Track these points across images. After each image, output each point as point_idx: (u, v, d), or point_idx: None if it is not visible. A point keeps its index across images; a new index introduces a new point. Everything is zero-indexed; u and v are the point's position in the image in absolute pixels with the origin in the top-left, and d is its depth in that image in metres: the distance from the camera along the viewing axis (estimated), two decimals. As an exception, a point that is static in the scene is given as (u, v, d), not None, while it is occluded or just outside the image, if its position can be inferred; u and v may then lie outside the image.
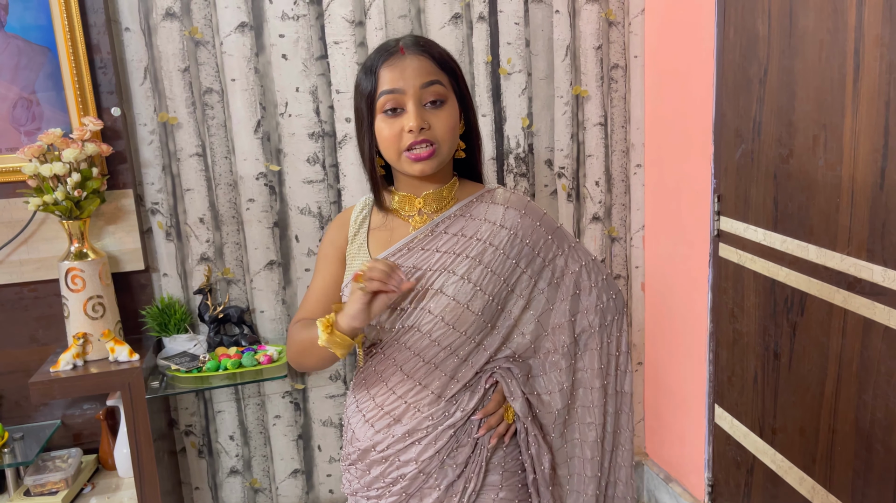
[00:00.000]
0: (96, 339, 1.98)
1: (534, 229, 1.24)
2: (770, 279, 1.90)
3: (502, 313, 1.23)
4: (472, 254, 1.20)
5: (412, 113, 1.14)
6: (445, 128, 1.17)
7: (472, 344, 1.21)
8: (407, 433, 1.22)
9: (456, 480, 1.23)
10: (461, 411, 1.22)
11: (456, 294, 1.18)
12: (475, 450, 1.23)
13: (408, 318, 1.20)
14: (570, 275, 1.25)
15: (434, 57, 1.18)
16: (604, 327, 1.27)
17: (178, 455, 2.35)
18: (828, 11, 1.61)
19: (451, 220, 1.24)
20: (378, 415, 1.25)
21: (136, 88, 2.10)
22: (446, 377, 1.22)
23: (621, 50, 2.42)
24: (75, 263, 1.95)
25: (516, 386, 1.23)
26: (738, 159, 2.01)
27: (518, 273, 1.23)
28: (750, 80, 1.92)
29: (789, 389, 1.87)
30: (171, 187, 2.17)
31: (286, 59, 2.18)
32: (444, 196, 1.26)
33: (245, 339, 2.21)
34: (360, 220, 1.32)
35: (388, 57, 1.17)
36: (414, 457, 1.22)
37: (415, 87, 1.15)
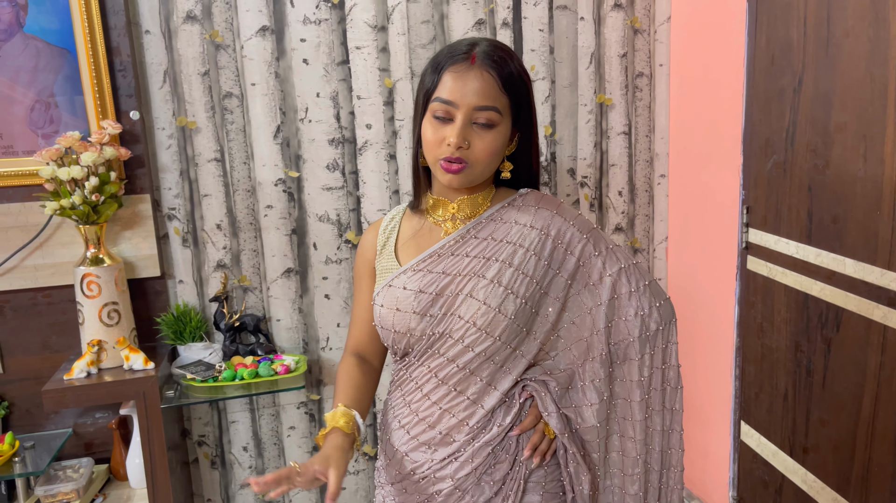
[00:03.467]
0: (111, 347, 1.94)
1: (567, 228, 1.20)
2: (803, 293, 1.85)
3: (537, 317, 1.18)
4: (502, 257, 1.17)
5: (457, 129, 1.12)
6: (485, 152, 1.14)
7: (508, 349, 1.17)
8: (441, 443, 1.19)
9: (493, 497, 1.18)
10: (497, 426, 1.18)
11: (486, 298, 1.15)
12: (513, 467, 1.19)
13: (438, 325, 1.17)
14: (608, 277, 1.19)
15: (502, 76, 1.13)
16: (646, 337, 1.19)
17: (191, 466, 2.30)
18: (868, 20, 1.57)
19: (483, 225, 1.22)
20: (413, 421, 1.22)
21: (154, 92, 2.06)
22: (482, 383, 1.18)
23: (646, 58, 2.38)
24: (91, 269, 1.91)
25: (550, 401, 1.19)
26: (769, 170, 1.96)
27: (551, 275, 1.18)
28: (783, 89, 1.87)
29: (823, 407, 1.81)
30: (189, 192, 2.14)
31: (307, 63, 2.14)
32: (479, 202, 1.24)
33: (261, 348, 2.17)
34: (390, 230, 1.29)
35: (457, 62, 1.13)
36: (450, 474, 1.18)
37: (468, 107, 1.12)
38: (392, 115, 2.21)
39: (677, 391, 1.22)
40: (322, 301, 2.28)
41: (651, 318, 1.19)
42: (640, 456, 1.21)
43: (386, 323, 1.21)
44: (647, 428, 1.21)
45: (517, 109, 1.17)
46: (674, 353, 1.22)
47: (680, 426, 1.24)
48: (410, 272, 1.21)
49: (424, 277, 1.19)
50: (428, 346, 1.19)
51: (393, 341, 1.22)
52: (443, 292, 1.17)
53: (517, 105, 1.17)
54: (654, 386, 1.21)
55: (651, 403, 1.21)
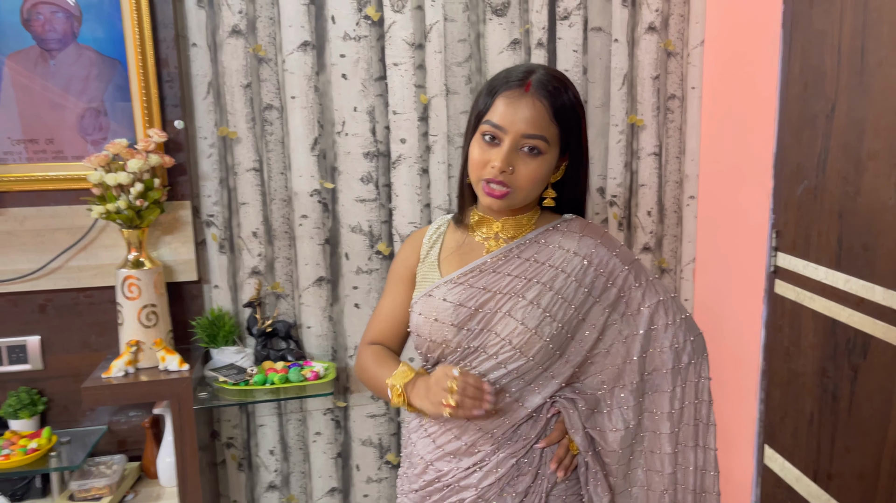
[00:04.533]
0: (148, 348, 2.00)
1: (609, 258, 1.22)
2: (831, 319, 1.86)
3: (572, 342, 1.21)
4: (543, 279, 1.20)
5: (503, 153, 1.15)
6: (528, 178, 1.17)
7: (540, 370, 1.20)
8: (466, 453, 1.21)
9: None
10: (523, 440, 1.21)
11: (524, 319, 1.17)
12: (535, 479, 1.22)
13: (475, 339, 1.20)
14: (646, 309, 1.22)
15: (554, 106, 1.16)
16: (678, 369, 1.21)
17: (219, 467, 2.35)
18: (903, 49, 1.58)
19: (526, 246, 1.24)
20: (440, 430, 1.25)
21: (198, 102, 2.14)
22: (510, 399, 1.21)
23: (679, 80, 2.41)
24: (132, 271, 1.98)
25: (577, 418, 1.21)
26: (799, 195, 1.97)
27: (591, 302, 1.21)
28: (815, 115, 1.89)
29: (848, 433, 1.81)
30: (227, 200, 2.20)
31: (346, 78, 2.20)
32: (523, 223, 1.27)
33: (291, 355, 2.22)
34: (434, 240, 1.33)
35: (511, 88, 1.17)
36: (474, 484, 1.21)
37: (517, 133, 1.15)
38: (426, 130, 2.26)
39: (709, 428, 1.23)
40: (352, 310, 2.32)
41: (685, 351, 1.22)
42: (668, 491, 1.21)
43: (422, 331, 1.25)
44: (677, 463, 1.21)
45: (566, 138, 1.20)
46: (706, 389, 1.23)
47: (714, 467, 1.23)
48: (451, 284, 1.24)
49: (465, 291, 1.22)
50: (461, 358, 1.22)
51: (427, 349, 1.26)
52: (482, 307, 1.20)
53: (567, 134, 1.19)
54: (686, 421, 1.21)
55: (682, 439, 1.21)
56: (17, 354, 2.10)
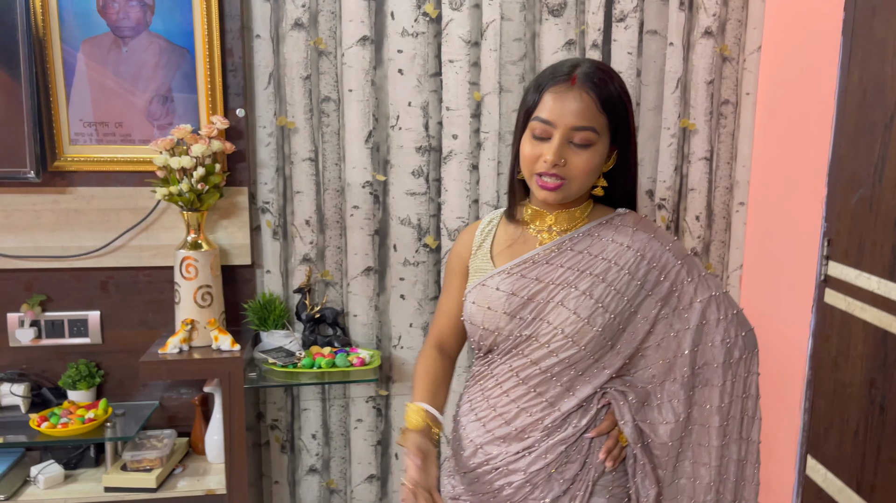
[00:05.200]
0: (202, 327, 2.07)
1: (662, 253, 1.24)
2: (882, 330, 1.83)
3: (624, 333, 1.23)
4: (596, 272, 1.22)
5: (554, 147, 1.18)
6: (581, 170, 1.20)
7: (591, 359, 1.22)
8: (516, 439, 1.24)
9: (561, 495, 1.23)
10: (573, 427, 1.23)
11: (577, 308, 1.20)
12: (583, 468, 1.24)
13: (527, 328, 1.23)
14: (698, 303, 1.23)
15: (601, 97, 1.18)
16: (729, 364, 1.23)
17: (262, 448, 2.42)
18: (969, 58, 1.56)
19: (579, 239, 1.27)
20: (490, 415, 1.28)
21: (259, 92, 2.20)
22: (561, 388, 1.23)
23: (733, 86, 2.40)
24: (191, 253, 2.05)
25: (627, 411, 1.23)
26: (854, 204, 1.95)
27: (643, 295, 1.23)
28: (874, 124, 1.87)
29: (894, 445, 1.79)
30: (283, 188, 2.27)
31: (402, 73, 2.25)
32: (577, 216, 1.29)
33: (338, 341, 2.27)
34: (486, 233, 1.36)
35: (558, 83, 1.19)
36: (523, 468, 1.24)
37: (566, 127, 1.17)
38: (478, 127, 2.30)
39: (754, 422, 1.25)
40: (398, 301, 2.37)
41: (736, 347, 1.23)
42: (714, 483, 1.23)
43: (476, 319, 1.28)
44: (722, 456, 1.23)
45: (615, 128, 1.22)
46: (754, 384, 1.25)
47: (756, 458, 1.25)
48: (504, 274, 1.27)
49: (518, 281, 1.25)
50: (513, 346, 1.25)
51: (480, 338, 1.29)
52: (534, 297, 1.23)
53: (615, 124, 1.21)
54: (733, 414, 1.23)
55: (729, 432, 1.23)
56: (79, 328, 2.20)
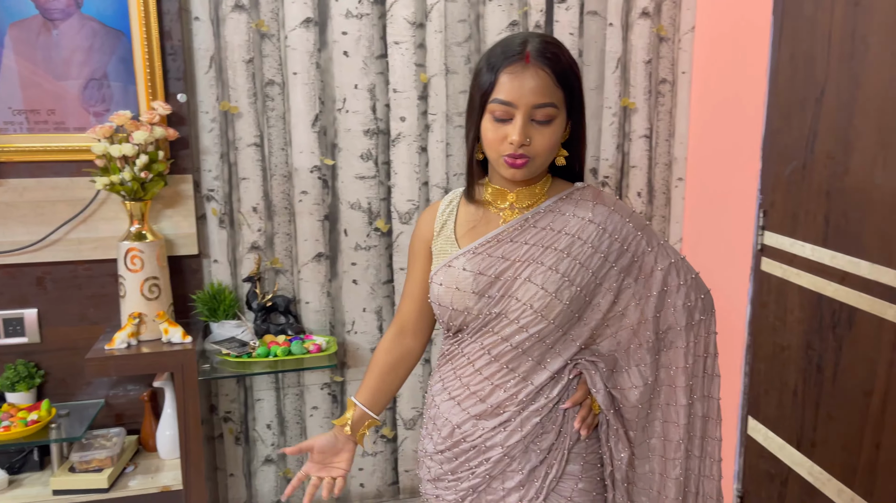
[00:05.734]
0: (150, 320, 2.01)
1: (623, 225, 1.26)
2: (817, 294, 1.94)
3: (590, 305, 1.26)
4: (561, 246, 1.24)
5: (518, 128, 1.18)
6: (545, 145, 1.20)
7: (560, 332, 1.24)
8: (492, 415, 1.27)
9: (539, 465, 1.26)
10: (545, 398, 1.26)
11: (545, 283, 1.22)
12: (559, 437, 1.27)
13: (496, 306, 1.24)
14: (659, 271, 1.27)
15: (556, 72, 1.19)
16: (690, 326, 1.28)
17: (216, 441, 2.37)
18: (893, 36, 1.66)
19: (541, 215, 1.28)
20: (464, 394, 1.29)
21: (200, 77, 2.14)
22: (533, 362, 1.26)
23: (670, 65, 2.48)
24: (135, 244, 1.98)
25: (599, 379, 1.26)
26: (787, 175, 2.05)
27: (607, 267, 1.25)
28: (805, 98, 1.97)
29: (832, 402, 1.91)
30: (228, 175, 2.21)
31: (347, 55, 2.22)
32: (536, 192, 1.30)
33: (291, 329, 2.24)
34: (448, 214, 1.35)
35: (512, 62, 1.18)
36: (500, 443, 1.26)
37: (527, 106, 1.18)
38: (426, 109, 2.30)
39: (714, 379, 1.30)
40: (350, 286, 2.35)
41: (696, 309, 1.28)
42: (683, 441, 1.28)
43: (444, 300, 1.28)
44: (690, 414, 1.28)
45: (570, 101, 1.23)
46: (713, 343, 1.30)
47: (717, 415, 1.30)
48: (470, 254, 1.27)
49: (484, 260, 1.26)
50: (483, 325, 1.26)
51: (449, 318, 1.29)
52: (501, 275, 1.24)
53: (570, 96, 1.22)
54: (696, 373, 1.28)
55: (694, 390, 1.28)
56: (14, 327, 2.09)
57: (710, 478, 1.30)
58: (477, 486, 1.29)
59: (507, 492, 1.27)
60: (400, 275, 2.37)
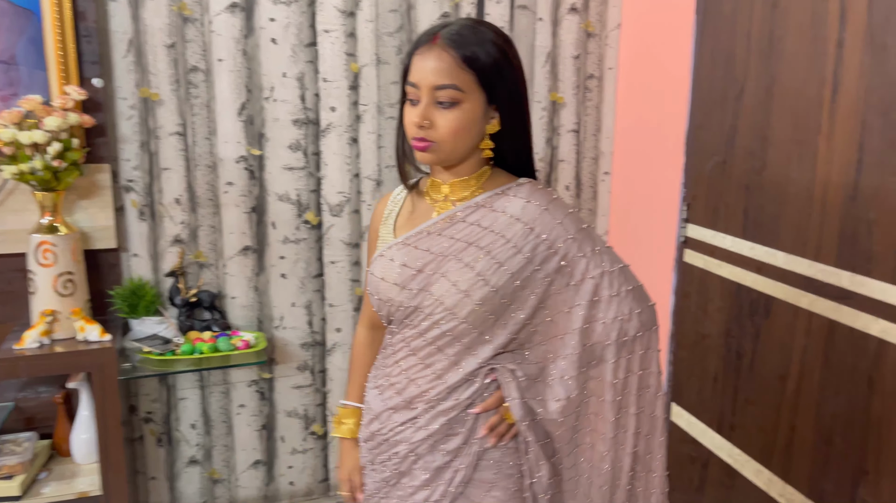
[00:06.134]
0: (65, 317, 1.90)
1: (554, 226, 1.19)
2: (736, 283, 2.03)
3: (510, 307, 1.20)
4: (483, 244, 1.19)
5: (419, 109, 1.15)
6: (447, 130, 1.15)
7: (475, 333, 1.20)
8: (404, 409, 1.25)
9: (444, 467, 1.22)
10: (455, 399, 1.22)
11: (457, 280, 1.18)
12: (467, 442, 1.22)
13: (414, 299, 1.21)
14: (590, 279, 1.19)
15: (461, 53, 1.14)
16: (623, 342, 1.20)
17: (136, 443, 2.27)
18: (808, 37, 1.75)
19: (472, 210, 1.23)
20: (385, 384, 1.28)
21: (118, 61, 2.03)
22: (448, 361, 1.22)
23: (597, 61, 2.53)
24: (48, 237, 1.87)
25: (514, 388, 1.20)
26: (709, 170, 2.13)
27: (531, 270, 1.19)
28: (726, 96, 2.04)
29: (750, 387, 2.00)
30: (148, 165, 2.11)
31: (275, 43, 2.16)
32: (471, 185, 1.25)
33: (217, 325, 2.17)
34: (395, 203, 1.33)
35: (422, 45, 1.16)
36: (407, 438, 1.24)
37: (428, 86, 1.14)
38: (356, 99, 2.26)
39: (657, 397, 1.23)
40: (278, 280, 2.30)
41: (630, 324, 1.20)
42: (609, 452, 1.22)
43: (373, 289, 1.27)
44: (618, 428, 1.22)
45: (488, 86, 1.16)
46: (654, 360, 1.22)
47: (662, 433, 1.23)
48: (401, 245, 1.25)
49: (411, 252, 1.23)
50: (404, 317, 1.23)
51: (378, 308, 1.28)
52: (423, 269, 1.21)
53: (487, 82, 1.16)
54: (630, 389, 1.21)
55: (625, 405, 1.21)
56: (-90, 327, 1.94)
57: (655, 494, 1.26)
58: (389, 480, 1.28)
59: (414, 490, 1.25)
60: (331, 268, 2.33)
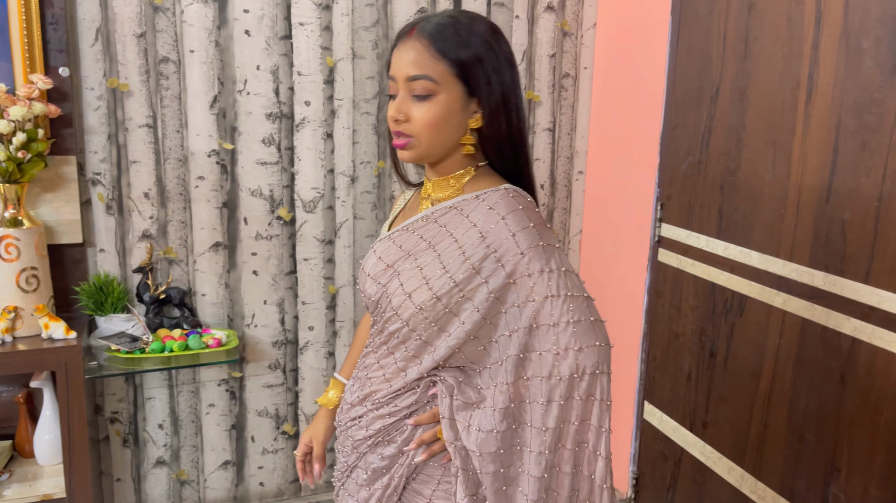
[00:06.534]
0: (28, 314, 1.83)
1: (506, 237, 1.10)
2: (710, 283, 2.05)
3: (454, 318, 1.12)
4: (438, 247, 1.15)
5: (395, 103, 1.13)
6: (423, 123, 1.11)
7: (419, 340, 1.15)
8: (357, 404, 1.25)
9: (381, 470, 1.20)
10: (394, 405, 1.19)
11: (405, 281, 1.15)
12: (402, 452, 1.19)
13: (377, 293, 1.20)
14: (531, 303, 1.08)
15: (435, 43, 1.10)
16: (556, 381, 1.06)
17: (101, 444, 2.20)
18: (784, 39, 1.77)
19: (444, 212, 1.19)
20: (352, 380, 1.29)
21: (85, 50, 1.97)
22: (395, 366, 1.19)
23: (573, 60, 2.53)
24: (10, 231, 1.80)
25: (447, 406, 1.13)
26: (684, 170, 2.15)
27: (477, 282, 1.10)
28: (701, 97, 2.06)
29: (723, 385, 2.02)
30: (116, 158, 2.05)
31: (249, 35, 2.12)
32: (451, 185, 1.20)
33: (186, 322, 2.12)
34: (405, 198, 1.34)
35: (401, 38, 1.14)
36: (352, 435, 1.24)
37: (403, 78, 1.12)
38: (332, 94, 2.23)
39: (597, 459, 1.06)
40: (250, 277, 2.25)
41: (565, 361, 1.05)
42: None
43: (360, 279, 1.27)
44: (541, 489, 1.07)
45: (465, 77, 1.12)
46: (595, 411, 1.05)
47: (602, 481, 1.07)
48: (385, 239, 1.24)
49: (389, 247, 1.21)
50: (373, 311, 1.23)
51: (362, 298, 1.28)
52: (393, 264, 1.19)
53: (464, 72, 1.11)
54: (564, 443, 1.06)
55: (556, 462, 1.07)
56: None
57: None
58: (343, 471, 1.28)
59: (358, 488, 1.23)
60: (303, 265, 2.29)
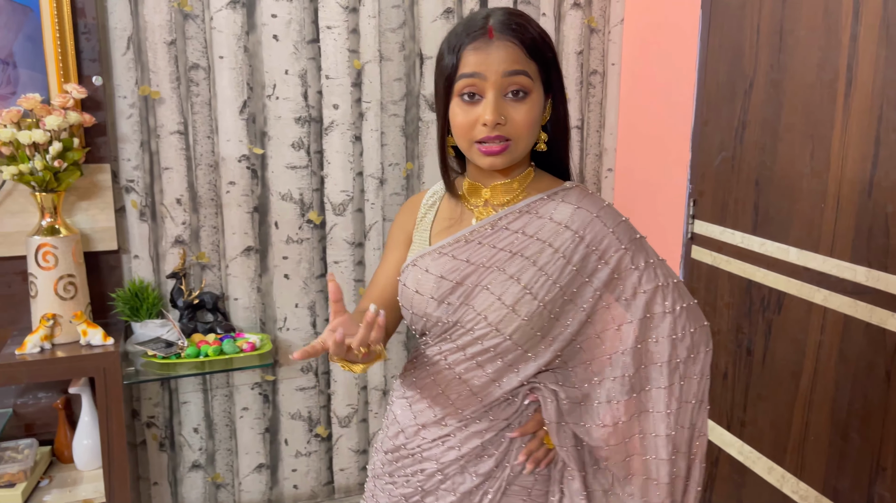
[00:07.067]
0: (66, 321, 1.86)
1: (605, 235, 1.10)
2: (746, 279, 2.01)
3: (557, 323, 1.10)
4: (528, 254, 1.10)
5: (490, 104, 1.05)
6: (524, 123, 1.07)
7: (520, 350, 1.11)
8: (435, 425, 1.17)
9: (473, 489, 1.15)
10: (491, 419, 1.15)
11: (502, 294, 1.09)
12: (499, 465, 1.15)
13: (453, 314, 1.13)
14: (642, 294, 1.09)
15: (525, 43, 1.06)
16: (675, 363, 1.09)
17: (138, 448, 2.22)
18: (821, 30, 1.73)
19: (516, 216, 1.13)
20: (416, 397, 1.21)
21: (117, 58, 1.99)
22: (487, 378, 1.13)
23: (600, 56, 2.51)
24: (48, 239, 1.82)
25: (555, 411, 1.11)
26: (717, 165, 2.11)
27: (580, 282, 1.09)
28: (734, 91, 2.03)
29: (761, 383, 1.98)
30: (149, 165, 2.07)
31: (277, 39, 2.12)
32: (514, 188, 1.16)
33: (220, 327, 2.13)
34: (430, 205, 1.25)
35: (474, 39, 1.07)
36: (435, 457, 1.17)
37: (497, 75, 1.05)
38: (359, 96, 2.23)
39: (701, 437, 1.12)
40: (281, 281, 2.26)
41: (683, 344, 1.10)
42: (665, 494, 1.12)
43: (406, 302, 1.19)
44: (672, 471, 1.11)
45: (546, 74, 1.10)
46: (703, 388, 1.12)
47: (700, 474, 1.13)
48: (436, 254, 1.16)
49: (448, 263, 1.14)
50: (442, 331, 1.16)
51: (411, 321, 1.20)
52: (463, 281, 1.12)
53: (545, 69, 1.10)
54: (681, 422, 1.10)
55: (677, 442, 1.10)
56: None
57: None
58: (409, 496, 1.20)
59: None
60: (334, 268, 2.30)
